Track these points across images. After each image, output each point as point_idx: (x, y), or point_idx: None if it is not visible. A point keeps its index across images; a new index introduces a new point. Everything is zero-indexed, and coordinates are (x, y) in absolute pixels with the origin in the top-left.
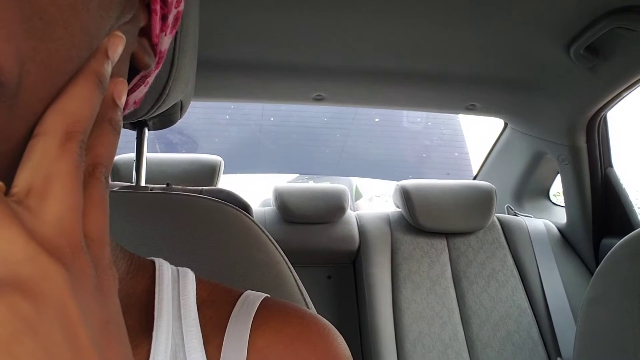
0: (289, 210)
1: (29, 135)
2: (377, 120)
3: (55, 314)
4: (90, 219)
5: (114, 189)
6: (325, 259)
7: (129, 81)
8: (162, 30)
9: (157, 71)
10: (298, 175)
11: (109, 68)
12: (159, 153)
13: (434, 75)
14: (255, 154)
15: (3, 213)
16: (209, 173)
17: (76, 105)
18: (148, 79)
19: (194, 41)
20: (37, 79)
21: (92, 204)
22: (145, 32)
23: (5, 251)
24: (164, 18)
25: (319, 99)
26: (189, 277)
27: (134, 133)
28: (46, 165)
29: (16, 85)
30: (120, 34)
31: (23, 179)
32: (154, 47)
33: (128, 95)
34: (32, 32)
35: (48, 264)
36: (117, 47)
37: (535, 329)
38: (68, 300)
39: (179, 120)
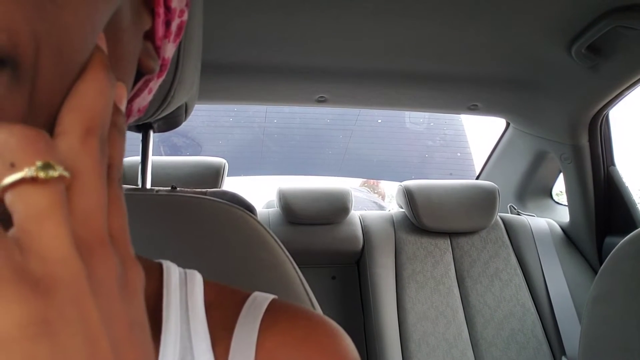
0: (293, 212)
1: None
2: (379, 121)
3: (78, 318)
4: (112, 218)
5: None
6: (330, 259)
7: (132, 86)
8: (165, 36)
9: (160, 79)
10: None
11: (109, 61)
12: (163, 156)
13: (436, 76)
14: (259, 156)
15: (57, 205)
16: (213, 175)
17: (90, 100)
18: (151, 85)
19: (198, 44)
20: (52, 63)
21: (111, 205)
22: (150, 36)
23: (48, 247)
24: (167, 24)
25: (321, 101)
26: (197, 279)
27: (139, 136)
28: (70, 163)
29: (33, 67)
30: (101, 34)
31: None
32: (157, 50)
33: (132, 101)
34: (45, 16)
35: (77, 266)
36: (103, 43)
37: (539, 327)
38: (91, 305)
39: (183, 123)
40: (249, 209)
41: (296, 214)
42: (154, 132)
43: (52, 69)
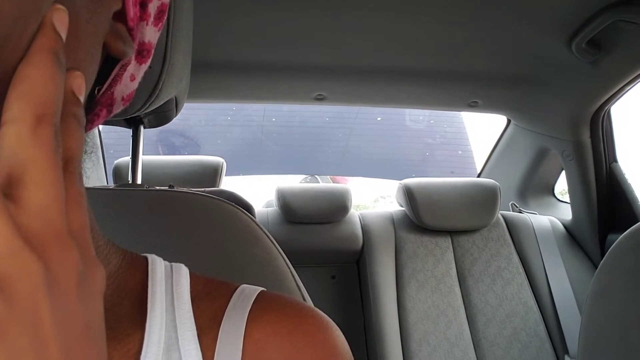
0: (292, 211)
1: None
2: (379, 119)
3: (27, 317)
4: (70, 215)
5: (110, 187)
6: (329, 259)
7: (109, 72)
8: (142, 19)
9: (144, 65)
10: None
11: (61, 43)
12: (161, 155)
13: (436, 73)
14: (258, 155)
15: None
16: (211, 175)
17: (40, 86)
18: (132, 71)
19: (187, 36)
20: None
21: (69, 201)
22: (121, 17)
23: None
24: (143, 6)
25: (320, 99)
26: (183, 272)
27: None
28: (22, 152)
29: None
30: (61, 7)
31: (0, 168)
32: (130, 32)
33: (111, 88)
34: None
35: (29, 260)
36: (64, 21)
37: (542, 326)
38: (42, 304)
39: (181, 122)
40: (247, 208)
41: (295, 212)
42: (145, 127)
43: None
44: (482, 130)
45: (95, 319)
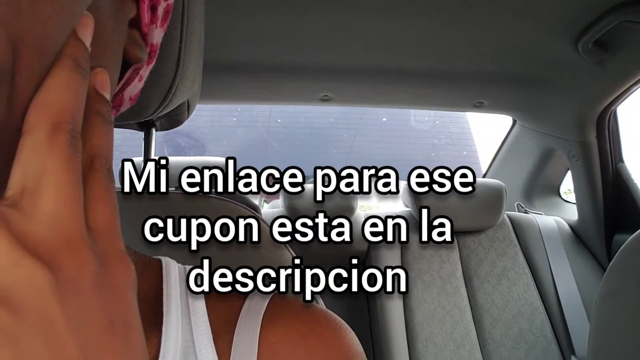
0: (298, 211)
1: None
2: (384, 119)
3: (38, 323)
4: (95, 212)
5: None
6: (334, 259)
7: (121, 75)
8: (152, 22)
9: (150, 66)
10: None
11: (83, 50)
12: (166, 156)
13: (441, 73)
14: (263, 155)
15: None
16: None
17: (57, 94)
18: (141, 73)
19: (199, 40)
20: (30, 62)
21: (94, 197)
22: (136, 24)
23: None
24: (153, 9)
25: (325, 100)
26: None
27: (143, 136)
28: (36, 162)
29: (11, 69)
30: (88, 13)
31: (16, 179)
32: (144, 37)
33: (122, 91)
34: (21, 14)
35: (33, 268)
36: (87, 27)
37: (548, 327)
38: (52, 308)
39: (187, 124)
40: (254, 208)
41: (300, 213)
42: (157, 130)
43: (32, 66)
44: (487, 131)
45: (122, 314)
